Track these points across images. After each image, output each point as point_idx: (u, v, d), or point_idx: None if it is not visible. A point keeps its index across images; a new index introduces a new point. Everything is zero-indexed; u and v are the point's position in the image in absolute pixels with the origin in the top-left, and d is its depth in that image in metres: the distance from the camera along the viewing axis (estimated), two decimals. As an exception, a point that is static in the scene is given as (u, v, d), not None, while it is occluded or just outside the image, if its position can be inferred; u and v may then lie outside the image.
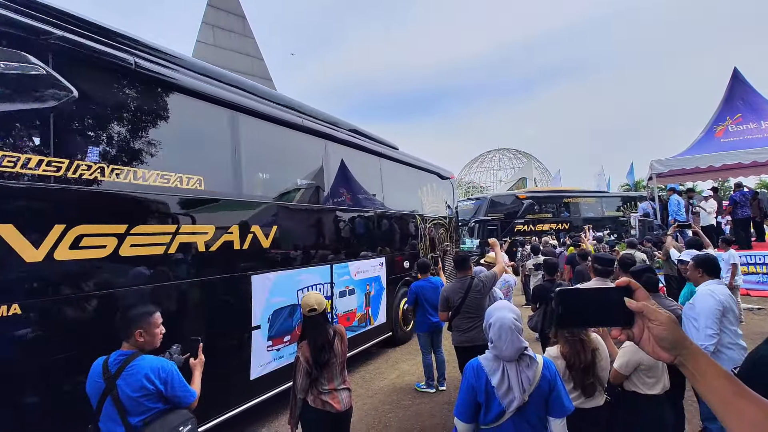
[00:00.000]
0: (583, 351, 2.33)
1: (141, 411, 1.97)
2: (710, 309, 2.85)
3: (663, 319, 0.76)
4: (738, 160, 9.32)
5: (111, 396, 1.95)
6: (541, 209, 19.03)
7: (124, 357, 2.02)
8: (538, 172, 53.77)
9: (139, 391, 1.96)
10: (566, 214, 19.91)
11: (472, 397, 1.93)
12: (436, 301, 5.01)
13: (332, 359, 2.66)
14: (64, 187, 2.54)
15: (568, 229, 18.69)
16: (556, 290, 0.85)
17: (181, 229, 3.20)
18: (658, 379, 2.51)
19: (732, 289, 4.48)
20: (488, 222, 16.57)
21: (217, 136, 3.73)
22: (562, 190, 24.22)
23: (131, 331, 2.07)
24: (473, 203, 18.20)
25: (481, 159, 61.62)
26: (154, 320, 2.16)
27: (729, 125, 10.39)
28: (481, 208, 17.20)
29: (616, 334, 0.81)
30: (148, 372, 1.99)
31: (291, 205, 4.65)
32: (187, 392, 2.13)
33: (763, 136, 9.64)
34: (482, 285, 3.88)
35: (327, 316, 2.79)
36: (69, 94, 2.53)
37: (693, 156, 10.10)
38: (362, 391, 5.01)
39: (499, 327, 1.92)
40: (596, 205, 22.07)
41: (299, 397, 2.61)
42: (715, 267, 3.12)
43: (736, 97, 10.54)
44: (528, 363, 1.93)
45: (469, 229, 15.52)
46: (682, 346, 0.75)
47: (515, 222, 17.33)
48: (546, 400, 1.92)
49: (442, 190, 8.89)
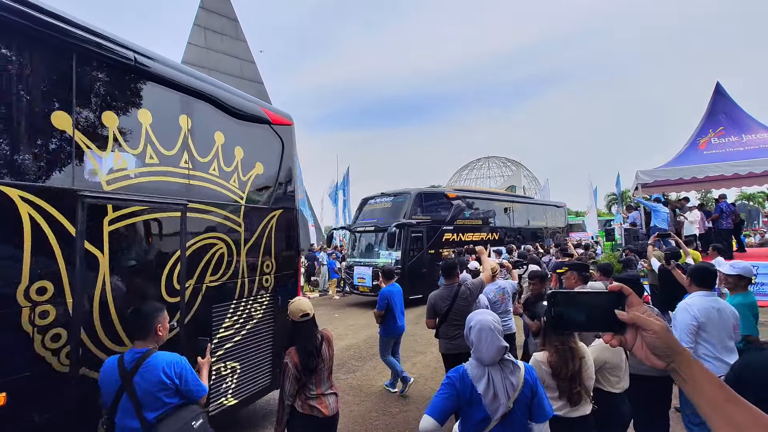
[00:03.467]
0: (572, 359, 2.35)
1: (157, 406, 2.04)
2: (683, 323, 2.91)
3: (656, 329, 0.76)
4: (720, 172, 9.56)
5: (127, 392, 2.02)
6: (471, 214, 14.50)
7: (139, 354, 2.10)
8: (527, 180, 54.43)
9: (157, 386, 2.03)
10: (495, 221, 15.64)
11: (453, 403, 1.92)
12: (402, 307, 5.26)
13: (320, 364, 2.67)
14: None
15: (498, 241, 14.83)
16: (548, 293, 0.85)
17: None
18: (620, 378, 2.69)
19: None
20: (413, 227, 11.78)
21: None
22: (493, 192, 19.92)
23: (152, 326, 2.16)
24: (390, 200, 12.77)
25: (470, 166, 62.19)
26: (165, 314, 2.28)
27: (712, 138, 10.68)
28: (402, 208, 12.01)
29: (608, 340, 0.81)
30: (165, 366, 2.07)
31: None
32: (199, 386, 2.21)
33: (744, 149, 9.93)
34: (469, 292, 3.89)
35: (316, 321, 2.78)
36: None
37: (677, 167, 10.34)
38: (350, 398, 4.97)
39: (479, 329, 1.95)
40: (525, 213, 18.36)
41: (287, 404, 2.58)
42: (705, 278, 3.06)
43: (719, 110, 10.85)
44: (512, 369, 1.95)
45: (389, 235, 10.69)
46: (675, 353, 0.76)
47: (444, 228, 12.91)
48: (529, 405, 1.93)
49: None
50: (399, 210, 12.07)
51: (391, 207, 12.52)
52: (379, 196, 13.35)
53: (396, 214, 11.98)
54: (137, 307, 2.33)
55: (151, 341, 2.17)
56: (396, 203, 12.53)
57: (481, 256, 4.33)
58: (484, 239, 14.27)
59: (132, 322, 2.25)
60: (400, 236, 11.39)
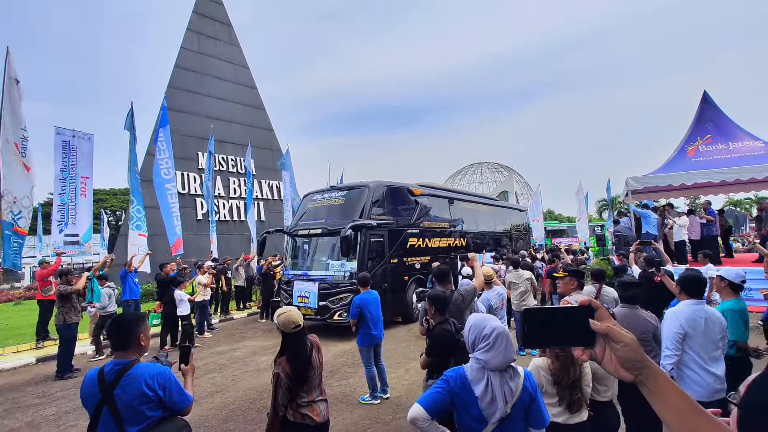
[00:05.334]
0: (573, 366, 2.36)
1: (139, 420, 1.96)
2: (670, 331, 2.91)
3: (628, 340, 0.77)
4: (708, 179, 9.72)
5: (108, 406, 1.94)
6: (436, 216, 11.80)
7: (120, 366, 2.01)
8: (520, 186, 54.76)
9: (139, 399, 1.95)
10: (461, 225, 12.98)
11: (445, 398, 1.91)
12: (377, 315, 5.13)
13: (311, 372, 2.66)
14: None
15: (465, 247, 12.68)
16: (523, 309, 0.86)
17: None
18: (608, 387, 2.75)
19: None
20: (373, 230, 9.24)
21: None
22: (461, 191, 16.70)
23: (135, 336, 2.09)
24: (343, 196, 9.95)
25: (463, 172, 62.36)
26: (148, 324, 2.22)
27: (699, 145, 10.86)
28: (358, 206, 9.39)
29: (578, 354, 0.82)
30: (147, 378, 1.99)
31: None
32: (183, 397, 2.13)
33: (731, 156, 10.10)
34: (462, 299, 3.90)
35: (306, 331, 2.77)
36: None
37: (666, 174, 10.48)
38: (343, 406, 4.94)
39: (497, 335, 1.92)
40: (492, 216, 15.78)
41: (280, 414, 2.56)
42: (693, 287, 3.04)
43: (706, 119, 11.04)
44: (511, 375, 1.94)
45: (342, 240, 8.17)
46: (643, 365, 0.77)
47: (409, 232, 10.33)
48: (526, 411, 1.93)
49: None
50: (353, 207, 9.39)
51: (344, 204, 9.70)
52: (328, 190, 10.48)
53: (350, 212, 9.31)
54: (117, 317, 2.27)
55: (133, 352, 2.08)
56: (350, 199, 9.68)
57: (474, 263, 4.35)
58: (452, 245, 12.18)
59: (113, 332, 2.17)
60: (357, 241, 8.74)
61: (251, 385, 5.89)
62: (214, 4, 19.40)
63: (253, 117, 20.16)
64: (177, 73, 17.46)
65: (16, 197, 7.90)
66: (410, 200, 10.79)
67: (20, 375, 6.90)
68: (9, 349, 8.22)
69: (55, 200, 9.45)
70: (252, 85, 20.57)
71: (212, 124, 16.61)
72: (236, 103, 19.50)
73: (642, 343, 3.11)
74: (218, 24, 19.51)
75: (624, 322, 3.12)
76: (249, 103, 20.18)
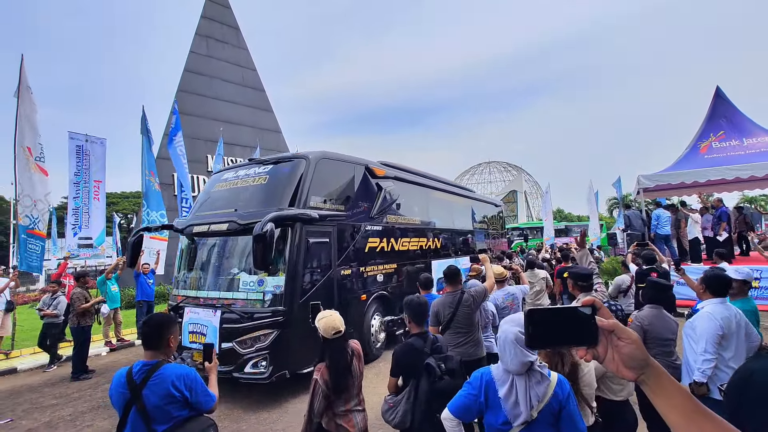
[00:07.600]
0: (561, 364, 2.24)
1: (166, 419, 2.01)
2: (709, 333, 2.75)
3: (633, 338, 0.78)
4: (721, 176, 9.58)
5: (136, 405, 1.98)
6: (406, 206, 8.34)
7: (148, 367, 2.06)
8: (529, 185, 54.30)
9: (166, 399, 2.00)
10: (434, 222, 9.49)
11: (470, 401, 1.93)
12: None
13: (350, 381, 2.58)
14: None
15: (441, 249, 9.53)
16: (526, 310, 0.86)
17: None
18: (623, 385, 2.68)
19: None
20: (312, 225, 5.69)
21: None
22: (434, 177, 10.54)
23: (166, 337, 2.15)
24: (266, 172, 6.16)
25: (471, 171, 62.11)
26: (177, 326, 2.29)
27: (713, 142, 10.69)
28: (287, 187, 5.84)
29: (581, 354, 0.82)
30: (174, 380, 2.04)
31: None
32: (208, 397, 2.18)
33: (746, 153, 9.93)
34: (472, 300, 3.86)
35: (347, 337, 2.68)
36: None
37: (679, 171, 10.34)
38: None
39: (502, 341, 1.91)
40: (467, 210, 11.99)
41: (315, 422, 2.49)
42: (720, 286, 2.95)
43: (719, 114, 10.86)
44: (539, 379, 1.88)
45: (256, 239, 4.47)
46: (646, 365, 0.77)
47: (366, 229, 6.97)
48: (556, 418, 1.87)
49: None
50: (281, 190, 5.90)
51: (267, 185, 6.06)
52: (245, 165, 6.71)
53: (275, 198, 5.83)
54: (147, 318, 2.28)
55: (162, 353, 2.13)
56: (276, 178, 6.10)
57: (485, 263, 4.33)
58: (425, 248, 8.85)
59: (144, 332, 2.19)
60: (285, 242, 5.45)
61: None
62: (221, 8, 19.60)
63: (261, 119, 20.33)
64: (186, 77, 17.67)
65: (36, 201, 8.07)
66: (370, 183, 7.28)
67: (37, 376, 7.03)
68: (26, 350, 8.39)
69: (69, 204, 9.64)
70: (260, 87, 20.73)
71: (221, 126, 16.76)
72: (244, 106, 19.68)
73: (667, 343, 3.11)
74: (226, 27, 19.70)
75: (655, 322, 3.08)
76: (257, 105, 20.35)
